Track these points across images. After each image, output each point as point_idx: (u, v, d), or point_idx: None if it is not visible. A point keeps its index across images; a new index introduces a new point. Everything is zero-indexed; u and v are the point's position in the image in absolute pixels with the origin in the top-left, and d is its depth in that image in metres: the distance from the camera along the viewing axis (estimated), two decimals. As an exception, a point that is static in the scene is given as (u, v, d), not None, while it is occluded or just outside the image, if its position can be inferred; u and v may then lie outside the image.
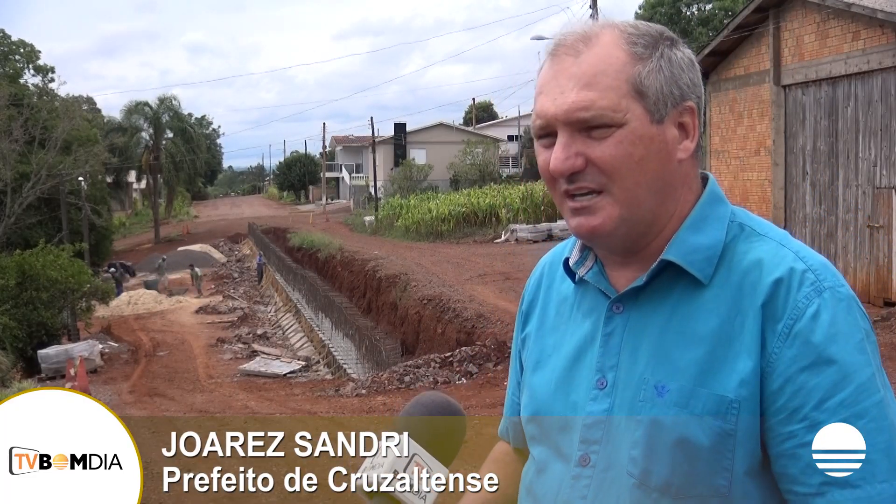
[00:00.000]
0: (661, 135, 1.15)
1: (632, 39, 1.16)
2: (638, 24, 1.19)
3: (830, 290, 1.08)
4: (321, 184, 77.21)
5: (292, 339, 28.36)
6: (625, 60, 1.14)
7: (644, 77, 1.14)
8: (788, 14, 14.79)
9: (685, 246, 1.16)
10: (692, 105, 1.17)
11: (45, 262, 24.12)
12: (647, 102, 1.14)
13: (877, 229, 13.03)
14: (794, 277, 1.09)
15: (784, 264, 1.11)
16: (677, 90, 1.16)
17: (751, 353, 1.08)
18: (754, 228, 1.18)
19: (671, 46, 1.18)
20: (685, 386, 1.09)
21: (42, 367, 20.77)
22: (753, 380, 1.07)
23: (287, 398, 14.88)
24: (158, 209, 61.67)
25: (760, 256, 1.13)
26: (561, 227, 34.75)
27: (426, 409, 1.08)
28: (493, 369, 13.65)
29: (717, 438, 1.07)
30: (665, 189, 1.17)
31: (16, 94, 37.00)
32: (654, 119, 1.14)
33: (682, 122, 1.17)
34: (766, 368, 1.07)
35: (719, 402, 1.07)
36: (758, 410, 1.07)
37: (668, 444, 1.10)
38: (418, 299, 21.00)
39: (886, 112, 12.85)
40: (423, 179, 53.26)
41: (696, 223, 1.18)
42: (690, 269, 1.15)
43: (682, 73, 1.17)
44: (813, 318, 1.06)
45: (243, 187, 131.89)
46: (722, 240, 1.16)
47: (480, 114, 78.56)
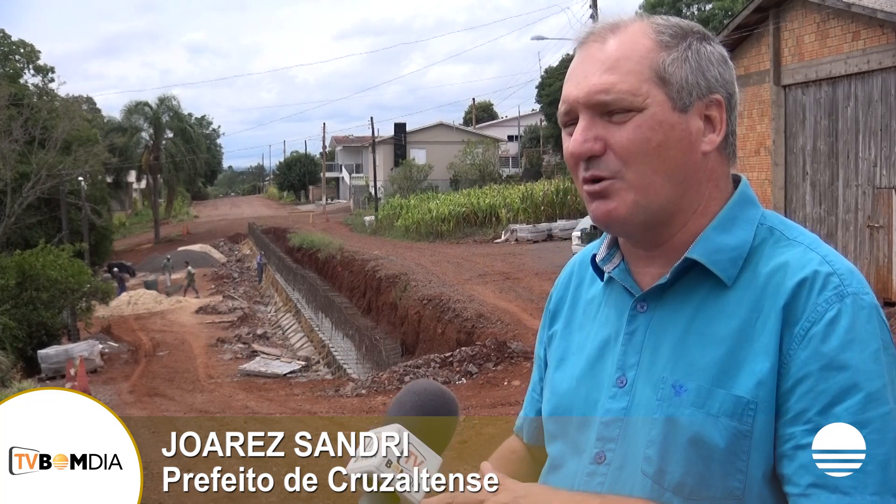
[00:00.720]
0: (683, 123, 1.14)
1: (659, 29, 1.16)
2: (670, 18, 1.19)
3: (853, 297, 1.07)
4: (321, 184, 77.20)
5: (292, 339, 28.36)
6: (650, 47, 1.14)
7: (668, 64, 1.14)
8: (788, 14, 14.79)
9: (710, 245, 1.15)
10: (719, 98, 1.16)
11: (45, 262, 24.12)
12: (670, 90, 1.13)
13: (877, 229, 13.02)
14: (817, 280, 1.08)
15: (809, 267, 1.10)
16: (703, 81, 1.16)
17: (768, 353, 1.07)
18: (784, 233, 1.16)
19: (701, 40, 1.18)
20: (703, 386, 1.09)
21: (42, 367, 20.76)
22: (770, 381, 1.06)
23: (287, 398, 14.88)
24: (158, 209, 61.66)
25: (787, 259, 1.12)
26: (561, 228, 34.74)
27: (417, 396, 1.08)
28: (493, 369, 13.65)
29: (732, 439, 1.06)
30: (686, 181, 1.15)
31: (16, 94, 36.99)
32: (677, 107, 1.14)
33: (708, 114, 1.16)
34: (781, 369, 1.06)
35: (736, 403, 1.07)
36: (773, 412, 1.06)
37: (682, 443, 1.09)
38: (418, 299, 21.00)
39: (886, 112, 12.84)
40: (423, 179, 53.25)
41: (724, 223, 1.16)
42: (714, 268, 1.14)
43: (710, 66, 1.17)
44: (831, 322, 1.05)
45: (243, 187, 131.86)
46: (749, 241, 1.15)
47: (480, 114, 78.56)
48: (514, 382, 12.37)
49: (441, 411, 1.07)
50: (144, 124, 60.56)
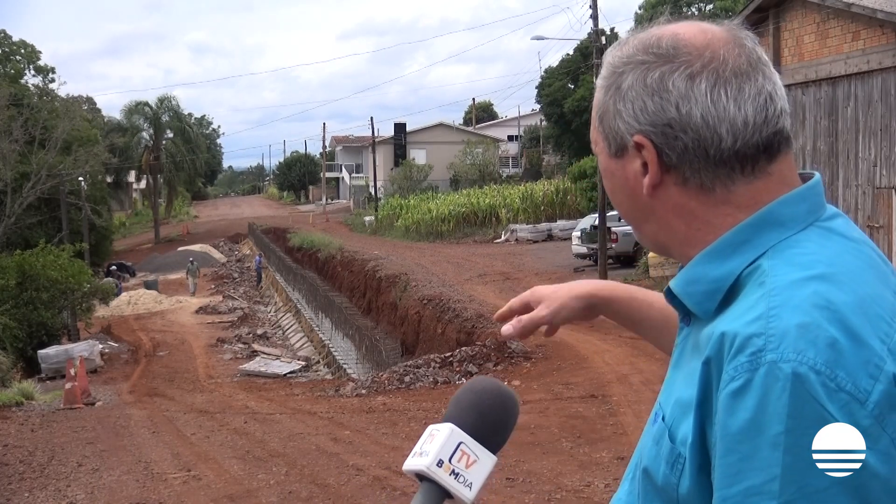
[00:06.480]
0: (620, 169, 1.10)
1: (606, 70, 1.11)
2: (628, 46, 1.10)
3: (769, 366, 0.90)
4: (321, 184, 77.19)
5: (292, 339, 28.35)
6: (598, 90, 1.13)
7: (600, 108, 1.12)
8: (788, 14, 14.80)
9: (689, 275, 1.07)
10: (639, 140, 1.06)
11: (46, 262, 24.11)
12: (607, 134, 1.10)
13: (877, 229, 13.03)
14: (735, 341, 0.94)
15: (738, 322, 0.95)
16: (623, 123, 1.07)
17: (691, 409, 0.98)
18: (771, 268, 1.00)
19: (634, 70, 1.07)
20: (664, 423, 1.04)
21: (42, 367, 20.76)
22: (695, 442, 0.97)
23: (287, 398, 14.88)
24: (158, 209, 61.64)
25: (732, 305, 1.00)
26: (561, 228, 34.70)
27: (475, 395, 1.08)
28: (493, 369, 13.65)
29: (666, 484, 1.02)
30: (650, 219, 1.10)
31: (16, 95, 37.00)
32: (611, 153, 1.10)
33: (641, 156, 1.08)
34: (706, 430, 0.97)
35: (671, 451, 1.01)
36: (700, 476, 0.98)
37: (641, 471, 1.08)
38: (418, 299, 20.99)
39: (886, 112, 12.85)
40: (423, 179, 53.25)
41: (719, 249, 1.05)
42: (686, 301, 1.06)
43: (630, 104, 1.06)
44: (732, 396, 0.92)
45: (243, 187, 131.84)
46: (735, 274, 1.02)
47: (480, 114, 78.55)
48: (514, 382, 12.37)
49: (497, 409, 1.07)
50: (144, 124, 60.57)
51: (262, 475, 8.70)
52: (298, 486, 8.15)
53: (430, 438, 1.02)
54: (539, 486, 7.45)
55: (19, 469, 9.91)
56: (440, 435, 1.01)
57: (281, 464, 9.10)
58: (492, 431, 1.04)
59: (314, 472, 8.65)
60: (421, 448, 1.01)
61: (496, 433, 1.05)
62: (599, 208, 20.84)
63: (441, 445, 1.00)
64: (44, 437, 11.68)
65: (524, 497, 7.18)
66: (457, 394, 1.08)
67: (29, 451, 10.80)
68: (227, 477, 8.76)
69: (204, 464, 9.41)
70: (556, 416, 10.05)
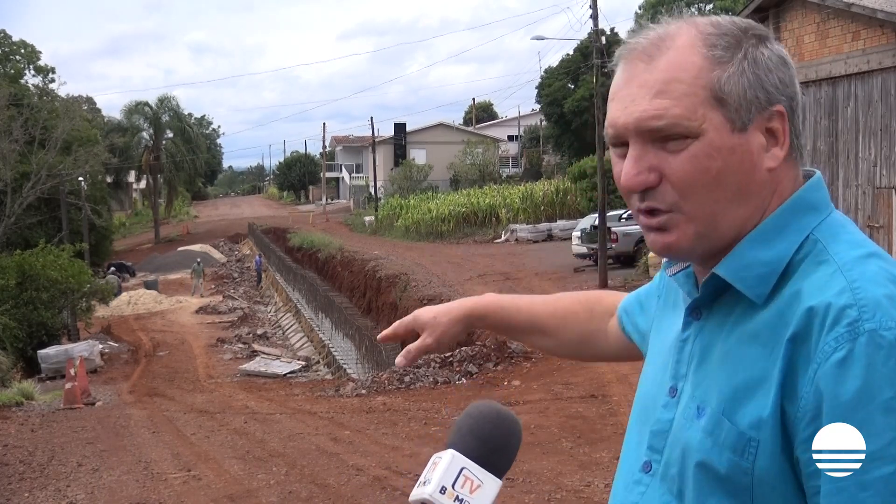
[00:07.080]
0: (744, 144, 1.05)
1: (710, 41, 1.05)
2: (720, 21, 1.09)
3: (870, 334, 0.93)
4: (321, 184, 77.17)
5: (292, 339, 28.34)
6: (701, 65, 1.04)
7: (724, 82, 1.04)
8: (788, 14, 14.79)
9: (739, 260, 1.06)
10: (781, 109, 1.06)
11: (46, 262, 24.11)
12: (728, 110, 1.04)
13: (877, 229, 13.02)
14: (829, 314, 0.96)
15: (823, 296, 0.98)
16: (763, 94, 1.05)
17: (773, 390, 0.99)
18: (826, 247, 1.03)
19: (758, 44, 1.07)
20: (716, 412, 1.04)
21: (42, 367, 20.76)
22: (772, 420, 0.98)
23: (287, 398, 14.88)
24: (158, 209, 61.62)
25: (806, 282, 1.01)
26: (561, 228, 34.69)
27: (474, 420, 1.07)
28: (493, 369, 13.65)
29: (733, 472, 1.01)
30: (752, 200, 1.07)
31: (16, 95, 37.00)
32: (736, 127, 1.04)
33: (770, 127, 1.06)
34: (788, 410, 0.98)
35: (738, 438, 1.00)
36: (780, 452, 0.98)
37: (692, 467, 1.05)
38: (418, 299, 20.98)
39: (886, 112, 12.84)
40: (423, 179, 53.22)
41: (765, 234, 1.07)
42: (740, 286, 1.05)
43: (768, 74, 1.06)
44: (838, 365, 0.93)
45: (243, 187, 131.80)
46: (788, 255, 1.05)
47: (480, 114, 78.53)
48: (514, 382, 12.37)
49: (498, 432, 1.06)
50: (144, 124, 60.55)
51: (262, 475, 8.71)
52: (298, 486, 8.15)
53: (432, 466, 1.01)
54: (539, 486, 7.45)
55: (19, 469, 9.90)
56: (442, 462, 1.01)
57: (281, 464, 9.10)
58: (494, 455, 1.04)
59: (314, 472, 8.65)
60: (424, 477, 1.01)
61: (499, 456, 1.04)
62: (599, 208, 20.83)
63: (443, 472, 0.99)
64: (44, 437, 11.69)
65: (524, 497, 7.17)
66: (457, 420, 1.08)
67: (29, 451, 10.80)
68: (227, 477, 8.76)
69: (204, 464, 9.42)
70: (556, 416, 10.04)
